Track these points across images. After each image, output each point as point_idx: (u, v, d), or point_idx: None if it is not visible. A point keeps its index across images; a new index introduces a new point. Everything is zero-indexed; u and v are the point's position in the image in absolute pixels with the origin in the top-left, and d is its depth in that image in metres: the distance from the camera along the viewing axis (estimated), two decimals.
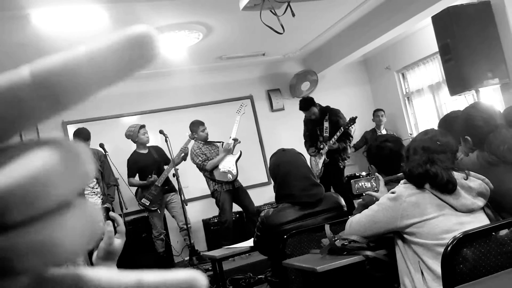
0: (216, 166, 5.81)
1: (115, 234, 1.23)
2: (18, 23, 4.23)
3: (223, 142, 5.98)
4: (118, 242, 1.23)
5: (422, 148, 1.97)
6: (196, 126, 5.90)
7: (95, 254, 1.23)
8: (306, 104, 6.24)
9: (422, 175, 1.90)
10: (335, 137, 5.97)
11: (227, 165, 5.87)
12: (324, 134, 6.00)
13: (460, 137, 2.42)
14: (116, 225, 1.24)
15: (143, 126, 5.83)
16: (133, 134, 5.81)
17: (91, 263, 1.25)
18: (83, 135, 5.50)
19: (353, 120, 6.03)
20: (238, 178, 5.94)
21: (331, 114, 6.09)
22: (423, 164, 1.91)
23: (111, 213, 1.26)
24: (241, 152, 5.94)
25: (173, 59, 6.24)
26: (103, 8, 4.23)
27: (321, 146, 6.10)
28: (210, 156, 5.90)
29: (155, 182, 5.72)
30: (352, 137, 6.21)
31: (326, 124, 6.07)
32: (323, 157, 6.13)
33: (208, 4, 4.68)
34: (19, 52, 4.92)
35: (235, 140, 5.94)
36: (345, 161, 6.23)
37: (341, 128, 5.96)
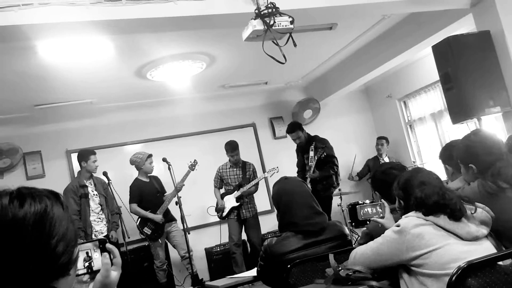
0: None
1: (111, 266, 1.23)
2: (24, 54, 4.31)
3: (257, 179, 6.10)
4: (114, 274, 1.23)
5: (427, 182, 2.03)
6: (228, 147, 6.02)
7: (91, 286, 1.22)
8: (292, 126, 6.22)
9: (436, 202, 1.92)
10: (312, 166, 5.86)
11: (227, 204, 6.03)
12: (309, 163, 5.95)
13: (462, 165, 2.40)
14: (112, 257, 1.23)
15: (150, 156, 5.87)
16: (140, 162, 5.84)
17: None
18: (79, 155, 5.66)
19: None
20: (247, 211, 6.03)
21: (317, 142, 6.00)
22: (438, 192, 1.95)
23: (107, 245, 1.24)
24: (241, 203, 6.01)
25: (177, 88, 6.32)
26: (109, 39, 4.30)
27: (307, 176, 6.06)
28: (226, 178, 6.03)
29: (158, 219, 5.72)
30: (336, 165, 5.97)
31: (311, 153, 6.03)
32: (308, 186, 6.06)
33: (212, 35, 4.77)
34: (25, 82, 4.99)
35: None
36: (331, 190, 6.02)
37: (315, 156, 5.87)
